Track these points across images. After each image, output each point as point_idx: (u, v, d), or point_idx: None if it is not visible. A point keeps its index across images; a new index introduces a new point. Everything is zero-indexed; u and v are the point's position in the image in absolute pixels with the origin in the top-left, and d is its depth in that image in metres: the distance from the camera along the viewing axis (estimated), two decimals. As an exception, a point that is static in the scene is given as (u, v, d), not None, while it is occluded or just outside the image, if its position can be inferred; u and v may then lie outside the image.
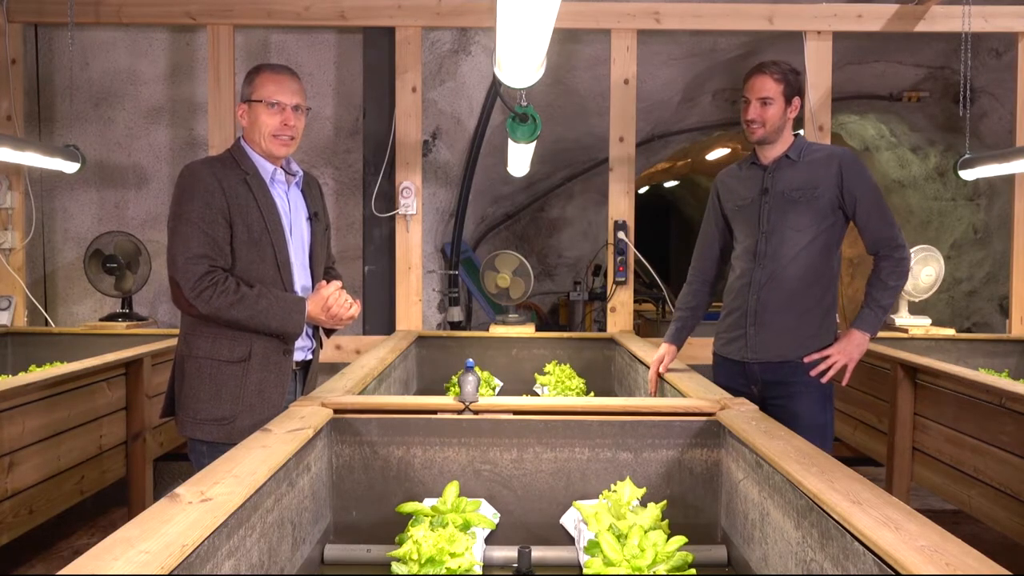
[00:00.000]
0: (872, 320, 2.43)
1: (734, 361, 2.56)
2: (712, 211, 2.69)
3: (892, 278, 2.41)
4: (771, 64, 2.47)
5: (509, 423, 1.86)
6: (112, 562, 0.99)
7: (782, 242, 2.45)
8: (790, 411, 2.43)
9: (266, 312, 2.07)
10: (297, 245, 2.24)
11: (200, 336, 2.11)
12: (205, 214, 2.05)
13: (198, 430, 2.10)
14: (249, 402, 2.10)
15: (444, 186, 5.15)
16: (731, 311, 2.57)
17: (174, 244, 2.06)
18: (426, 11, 4.06)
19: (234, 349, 2.10)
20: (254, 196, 2.13)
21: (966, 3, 3.97)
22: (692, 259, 2.75)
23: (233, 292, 2.03)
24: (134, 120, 4.65)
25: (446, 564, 1.50)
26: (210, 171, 2.11)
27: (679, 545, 1.55)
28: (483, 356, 3.73)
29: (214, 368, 2.10)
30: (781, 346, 2.46)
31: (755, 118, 2.44)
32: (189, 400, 2.11)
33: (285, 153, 2.21)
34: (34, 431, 2.71)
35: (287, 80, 2.18)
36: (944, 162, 6.51)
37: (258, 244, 2.12)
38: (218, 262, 2.06)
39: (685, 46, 5.05)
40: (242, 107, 2.21)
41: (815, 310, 2.46)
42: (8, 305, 4.04)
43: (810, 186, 2.43)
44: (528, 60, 1.99)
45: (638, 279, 4.73)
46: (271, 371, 2.14)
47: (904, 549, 1.07)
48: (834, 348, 2.43)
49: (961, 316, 6.66)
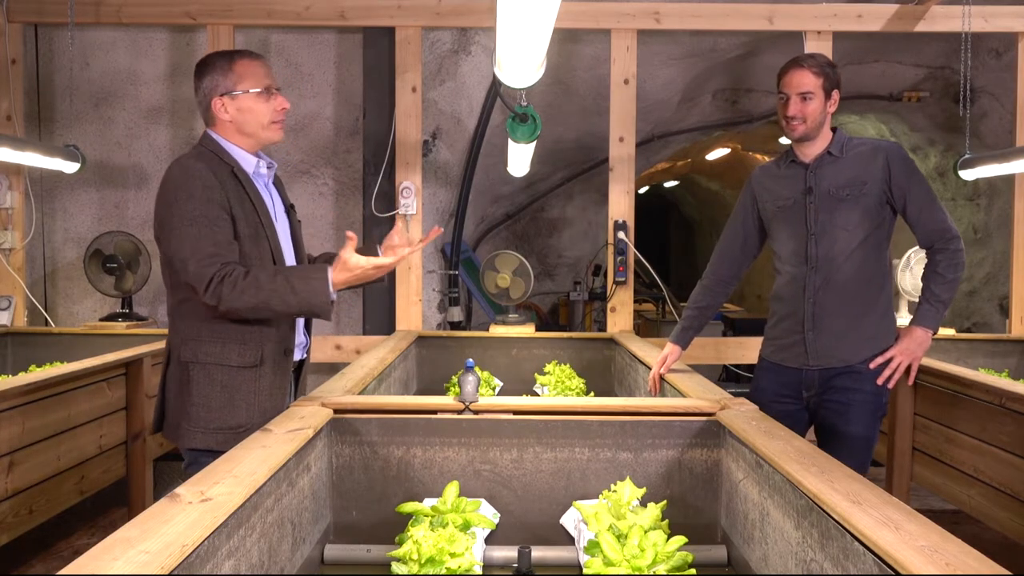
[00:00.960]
0: (932, 315, 2.35)
1: (788, 368, 2.47)
2: (744, 210, 2.59)
3: (950, 271, 2.33)
4: (808, 58, 2.39)
5: (509, 423, 1.86)
6: (112, 562, 0.99)
7: (834, 243, 2.37)
8: (844, 419, 2.37)
9: (284, 287, 1.90)
10: (284, 239, 2.15)
11: (207, 341, 1.99)
12: (208, 211, 1.92)
13: (211, 440, 1.96)
14: (263, 407, 2.01)
15: (444, 186, 5.15)
16: (783, 317, 2.49)
17: (181, 247, 1.90)
18: (426, 11, 4.06)
19: (244, 354, 2.00)
20: (245, 189, 2.03)
21: (966, 3, 3.97)
22: (712, 257, 2.66)
23: (243, 277, 1.89)
24: (134, 120, 4.65)
25: (446, 564, 1.50)
26: (204, 165, 1.97)
27: (679, 545, 1.55)
28: (483, 356, 3.73)
29: (226, 374, 1.99)
30: (842, 350, 2.39)
31: (796, 114, 2.35)
32: (198, 409, 1.98)
33: (281, 138, 2.14)
34: (34, 431, 2.71)
35: (264, 63, 2.08)
36: (944, 162, 6.51)
37: (256, 239, 2.02)
38: (229, 259, 1.92)
39: (685, 46, 5.05)
40: (220, 101, 2.03)
41: (873, 311, 2.39)
42: (8, 305, 4.04)
43: (857, 182, 2.35)
44: (528, 60, 1.99)
45: (638, 279, 4.72)
46: (279, 374, 2.06)
47: (904, 549, 1.07)
48: (896, 349, 2.36)
49: (961, 316, 6.66)
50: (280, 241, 2.10)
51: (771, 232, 2.55)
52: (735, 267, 2.62)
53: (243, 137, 2.08)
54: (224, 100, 2.04)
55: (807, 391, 2.45)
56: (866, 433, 2.39)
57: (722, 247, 2.64)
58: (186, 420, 2.00)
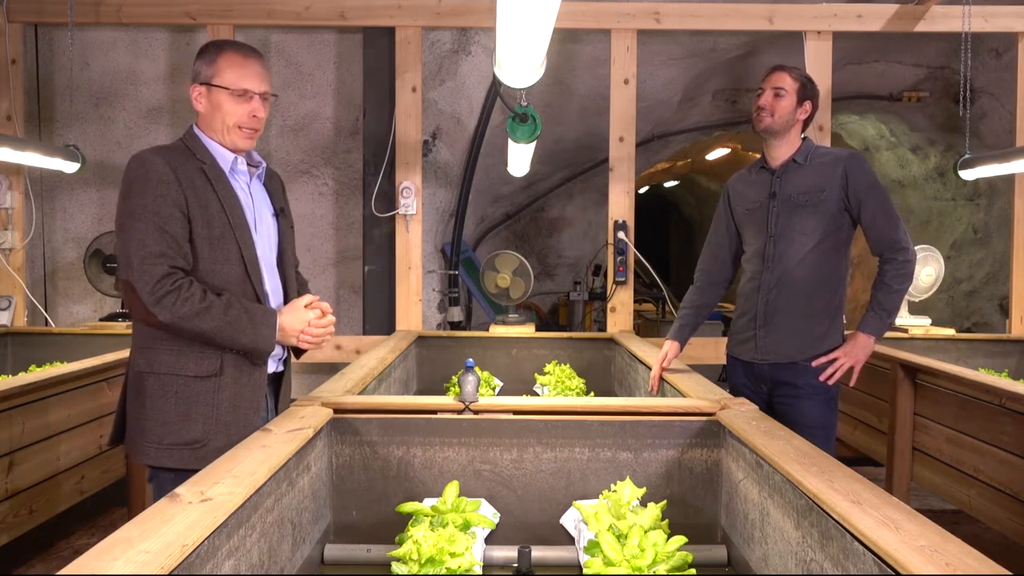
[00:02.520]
0: (877, 323, 2.45)
1: (745, 362, 2.60)
2: (722, 214, 2.71)
3: (896, 281, 2.42)
4: (792, 67, 2.54)
5: (509, 423, 1.86)
6: (112, 562, 0.99)
7: (789, 245, 2.48)
8: (796, 411, 2.47)
9: (235, 324, 1.81)
10: (264, 243, 1.99)
11: (161, 349, 1.84)
12: (160, 208, 1.79)
13: (165, 457, 1.83)
14: (224, 421, 1.86)
15: (444, 186, 5.15)
16: (742, 313, 2.61)
17: (127, 243, 1.79)
18: (426, 11, 4.06)
19: (202, 363, 1.84)
20: (213, 187, 1.88)
21: (966, 3, 3.97)
22: (699, 261, 2.76)
23: (199, 300, 1.78)
24: (134, 120, 4.65)
25: (446, 564, 1.50)
26: (163, 160, 1.84)
27: (679, 545, 1.55)
28: (483, 356, 3.73)
29: (181, 385, 1.84)
30: (789, 348, 2.50)
31: (765, 105, 2.48)
32: (152, 424, 1.83)
33: (248, 147, 1.97)
34: (34, 431, 2.71)
35: (254, 64, 1.93)
36: (944, 162, 6.51)
37: (221, 241, 1.87)
38: (178, 262, 1.80)
39: (685, 46, 5.05)
40: (198, 89, 1.93)
41: (823, 313, 2.49)
42: (8, 305, 4.04)
43: (816, 189, 2.46)
44: (528, 60, 1.99)
45: (638, 279, 4.73)
46: (244, 385, 1.89)
47: (904, 549, 1.07)
48: (840, 351, 2.46)
49: (961, 316, 6.66)
50: (257, 245, 1.95)
51: (741, 234, 2.66)
52: (725, 269, 2.72)
53: (213, 132, 1.95)
54: (200, 89, 1.94)
55: (763, 385, 2.57)
56: (823, 421, 2.49)
57: (708, 250, 2.74)
58: (140, 435, 1.86)
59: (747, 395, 2.50)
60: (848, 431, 3.87)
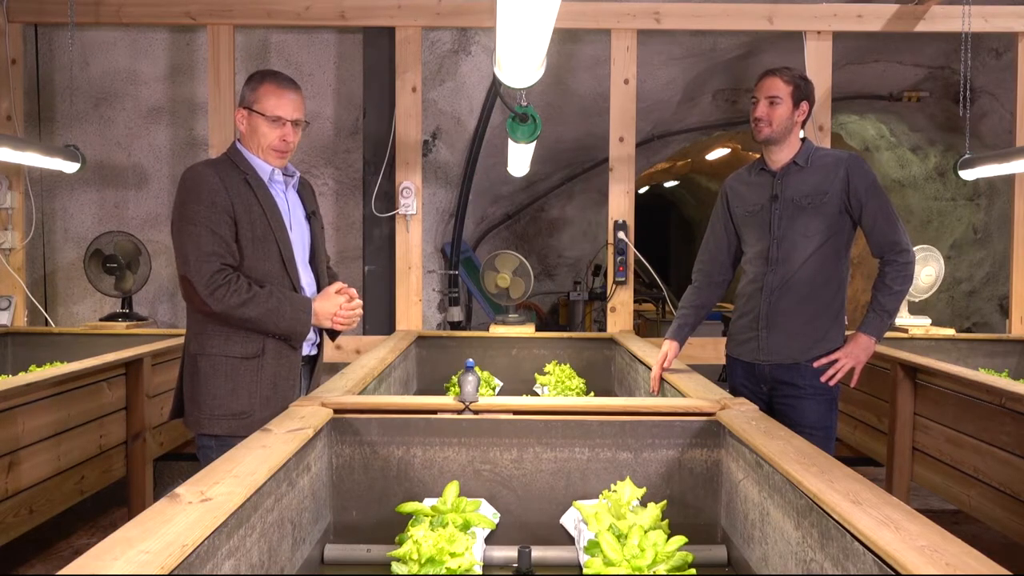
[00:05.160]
0: (877, 324, 2.47)
1: (745, 363, 2.61)
2: (720, 215, 2.71)
3: (896, 283, 2.44)
4: (783, 69, 2.54)
5: (509, 423, 1.86)
6: (112, 562, 0.99)
7: (793, 247, 2.49)
8: (797, 412, 2.49)
9: (276, 311, 2.13)
10: (299, 243, 2.29)
11: (212, 334, 2.17)
12: (211, 214, 2.11)
13: (215, 425, 2.16)
14: (265, 395, 2.18)
15: (444, 186, 5.15)
16: (743, 314, 2.62)
17: (184, 244, 2.11)
18: (426, 11, 4.06)
19: (247, 346, 2.16)
20: (255, 195, 2.19)
21: (966, 3, 3.97)
22: (696, 261, 2.76)
23: (245, 291, 2.10)
24: (134, 120, 4.65)
25: (446, 564, 1.50)
26: (213, 171, 2.17)
27: (679, 545, 1.55)
28: (483, 356, 3.73)
29: (229, 365, 2.16)
30: (791, 349, 2.51)
31: (762, 116, 2.49)
32: (205, 397, 2.16)
33: (281, 165, 2.27)
34: (34, 431, 2.71)
35: (289, 94, 2.23)
36: (944, 162, 6.51)
37: (263, 241, 2.17)
38: (227, 259, 2.12)
39: (685, 46, 5.05)
40: (241, 112, 2.24)
41: (825, 314, 2.50)
42: (8, 305, 4.04)
43: (819, 192, 2.47)
44: (528, 60, 1.99)
45: (638, 279, 4.73)
46: (283, 365, 2.21)
47: (904, 549, 1.07)
48: (841, 352, 2.47)
49: (961, 316, 6.66)
50: (293, 244, 2.25)
51: (741, 235, 2.67)
52: (724, 269, 2.72)
53: (253, 149, 2.25)
54: (243, 112, 2.24)
55: (764, 385, 2.58)
56: (823, 422, 2.50)
57: (705, 250, 2.75)
58: (195, 408, 2.18)
59: (747, 395, 2.51)
60: (848, 431, 3.87)
